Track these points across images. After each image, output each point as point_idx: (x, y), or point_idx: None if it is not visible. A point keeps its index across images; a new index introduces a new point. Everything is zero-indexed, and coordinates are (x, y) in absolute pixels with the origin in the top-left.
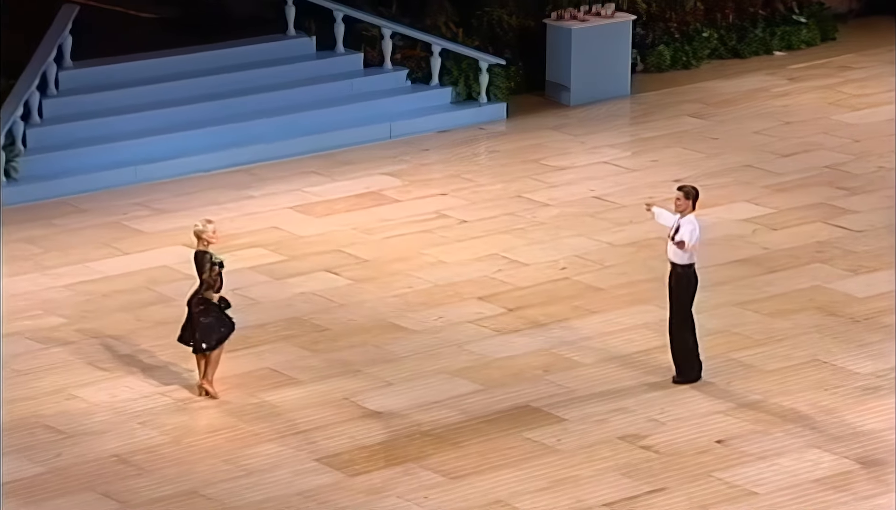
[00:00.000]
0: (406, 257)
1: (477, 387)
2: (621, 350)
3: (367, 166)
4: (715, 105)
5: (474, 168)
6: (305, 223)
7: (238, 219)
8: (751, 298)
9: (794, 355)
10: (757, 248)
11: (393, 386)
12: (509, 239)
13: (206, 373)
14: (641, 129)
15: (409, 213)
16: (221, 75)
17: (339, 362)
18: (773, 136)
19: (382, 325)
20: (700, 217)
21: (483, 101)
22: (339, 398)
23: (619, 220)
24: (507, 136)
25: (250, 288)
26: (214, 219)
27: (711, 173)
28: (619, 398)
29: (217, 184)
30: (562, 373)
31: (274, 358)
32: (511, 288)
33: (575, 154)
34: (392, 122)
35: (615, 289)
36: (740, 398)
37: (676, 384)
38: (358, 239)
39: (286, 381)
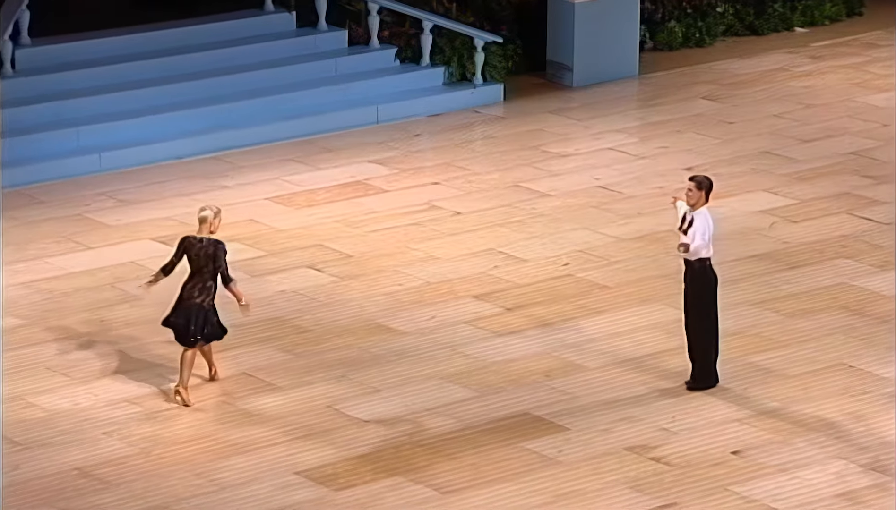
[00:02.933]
0: (395, 252)
1: (472, 393)
2: (629, 353)
3: (352, 153)
4: (730, 86)
5: (469, 155)
6: (285, 215)
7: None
8: (770, 297)
9: (817, 358)
10: (776, 243)
11: (381, 392)
12: (507, 232)
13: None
14: (650, 112)
15: (397, 204)
16: (193, 54)
17: (322, 366)
18: (794, 120)
19: (369, 326)
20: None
21: (478, 83)
22: (322, 405)
23: (626, 212)
24: (505, 121)
25: None
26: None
27: (726, 161)
28: (627, 406)
29: (189, 172)
30: (564, 378)
31: (251, 362)
32: (509, 285)
33: (578, 140)
34: (379, 106)
35: (622, 287)
36: (759, 405)
37: (690, 390)
38: (342, 232)
39: (265, 387)
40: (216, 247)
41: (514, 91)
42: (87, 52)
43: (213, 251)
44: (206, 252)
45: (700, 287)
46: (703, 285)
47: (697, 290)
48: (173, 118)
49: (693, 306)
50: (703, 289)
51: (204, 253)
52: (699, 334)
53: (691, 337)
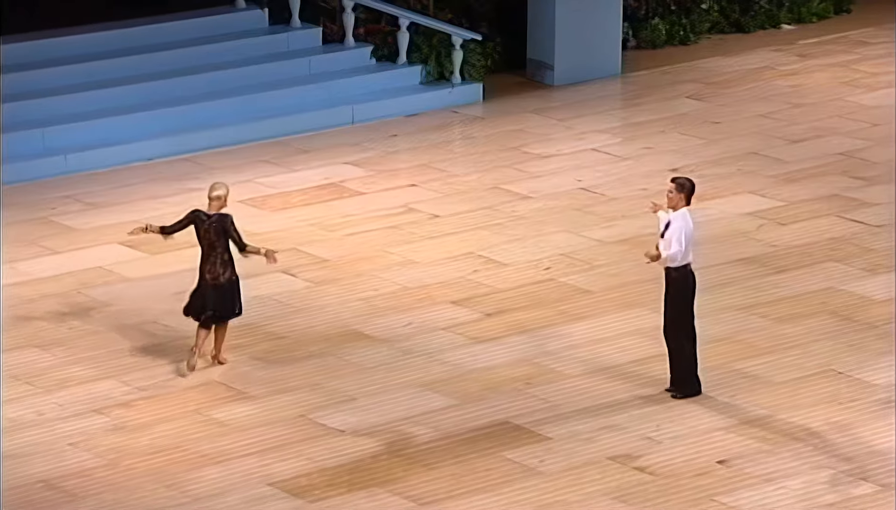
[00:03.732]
0: (371, 256)
1: (451, 401)
2: (612, 360)
3: (326, 155)
4: (716, 85)
5: (447, 156)
6: (258, 218)
7: (182, 214)
8: (756, 302)
9: (804, 365)
10: (763, 246)
11: (357, 401)
12: (487, 235)
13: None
14: (634, 112)
15: (374, 206)
16: (163, 53)
17: (296, 374)
18: (781, 120)
19: (345, 333)
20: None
21: (457, 82)
22: (295, 415)
23: (609, 215)
24: (484, 121)
25: None
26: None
27: (712, 162)
28: (610, 414)
29: (158, 174)
30: (545, 386)
31: (222, 370)
32: (489, 290)
33: (559, 140)
34: (355, 105)
35: (605, 292)
36: (745, 413)
37: (674, 398)
38: (317, 236)
39: (236, 396)
40: (224, 219)
41: (494, 90)
42: (53, 49)
43: (223, 225)
44: (216, 228)
45: (678, 293)
46: (681, 291)
47: (676, 296)
48: (142, 118)
49: (672, 312)
50: (681, 294)
51: (214, 229)
52: (679, 341)
53: (671, 344)
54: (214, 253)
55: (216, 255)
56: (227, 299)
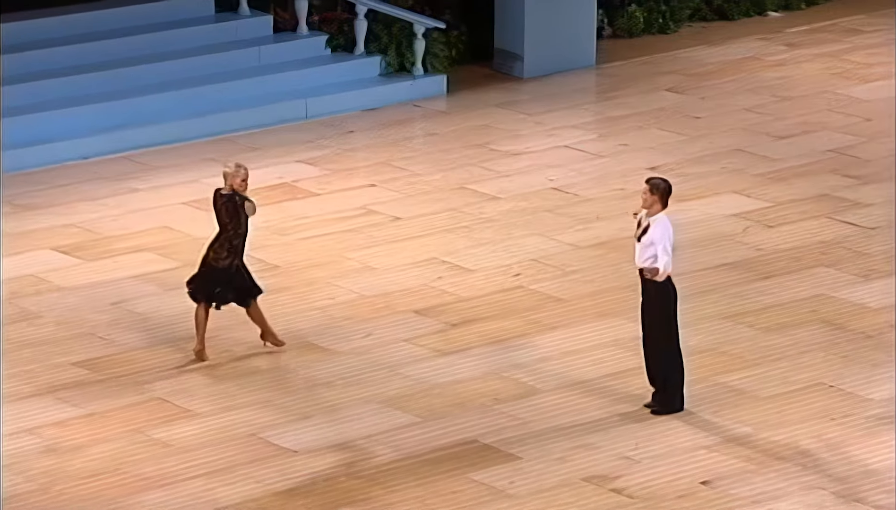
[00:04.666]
0: (327, 262)
1: (413, 418)
2: (587, 373)
3: (278, 153)
4: (697, 77)
5: (409, 154)
6: (203, 222)
7: (121, 217)
8: (742, 310)
9: (793, 378)
10: (749, 250)
11: (311, 418)
12: (452, 239)
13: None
14: (609, 106)
15: (330, 208)
16: (101, 42)
17: (244, 390)
18: (768, 115)
19: (298, 345)
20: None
21: (418, 74)
22: (244, 434)
23: (583, 216)
24: (448, 116)
25: (135, 301)
26: (90, 217)
27: (694, 159)
28: (585, 432)
29: (95, 174)
30: (515, 401)
31: (165, 386)
32: (454, 299)
33: (529, 137)
34: (308, 99)
35: (579, 300)
36: (729, 430)
37: (654, 414)
38: (268, 240)
39: (179, 414)
40: (233, 199)
41: (459, 83)
42: None
43: (234, 205)
44: (228, 208)
45: (660, 304)
46: (663, 301)
47: (657, 307)
48: (78, 113)
49: (653, 325)
50: (663, 305)
51: (225, 209)
52: (661, 355)
53: (652, 358)
54: (225, 234)
55: (225, 236)
56: (218, 284)
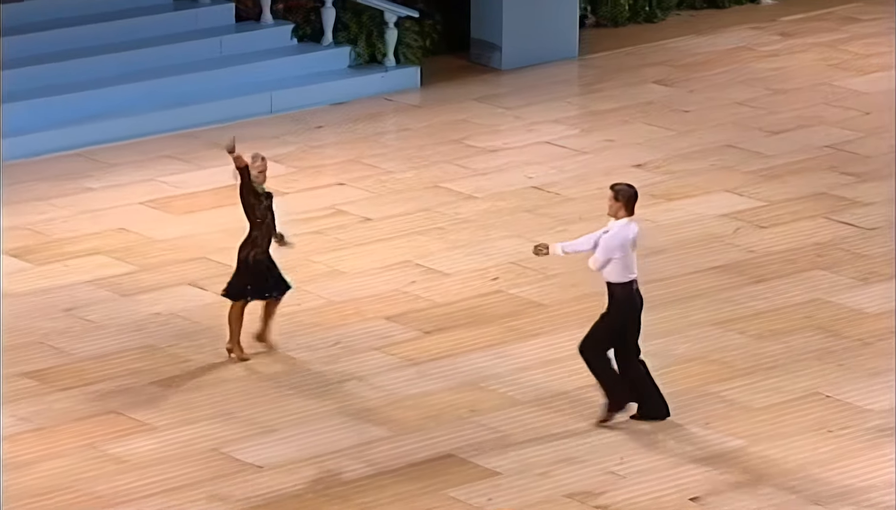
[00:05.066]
0: (292, 266)
1: (385, 432)
2: (569, 384)
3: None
4: (686, 68)
5: (380, 151)
6: (161, 223)
7: (73, 218)
8: (733, 315)
9: (787, 388)
10: (740, 252)
11: (277, 432)
12: (425, 241)
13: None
14: (593, 99)
15: (295, 208)
16: (50, 32)
17: (206, 402)
18: (761, 108)
19: (263, 353)
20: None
21: (390, 65)
22: (206, 449)
23: (565, 217)
24: (422, 110)
25: (89, 307)
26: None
27: (682, 156)
28: (567, 445)
29: (46, 173)
30: (493, 413)
31: (120, 398)
32: (428, 304)
33: (508, 132)
34: (273, 93)
35: (561, 306)
36: (720, 443)
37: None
38: (230, 243)
39: (136, 428)
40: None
41: (433, 75)
42: None
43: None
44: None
45: (618, 311)
46: (621, 309)
47: (614, 314)
48: (27, 107)
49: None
50: (619, 312)
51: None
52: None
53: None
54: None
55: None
56: (236, 277)
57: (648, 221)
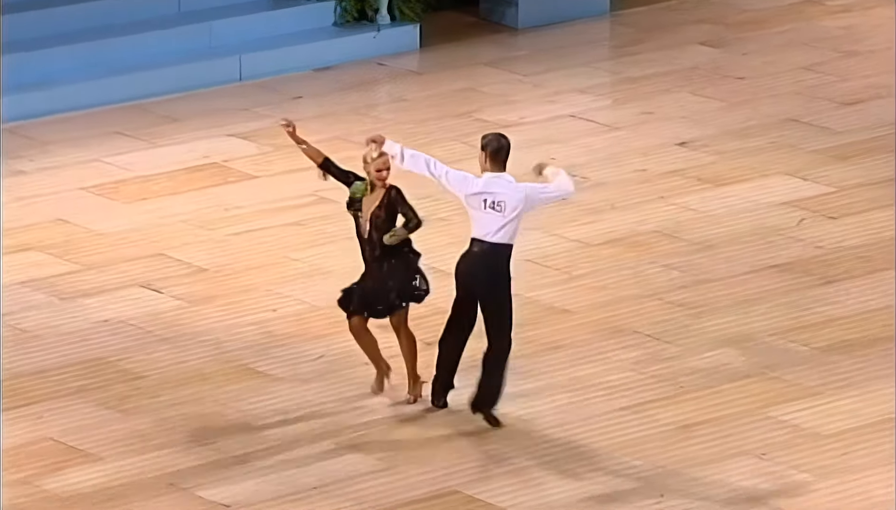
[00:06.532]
0: (267, 264)
1: (377, 464)
2: (599, 405)
3: (204, 124)
4: (739, 26)
5: (371, 126)
6: (108, 212)
7: (2, 206)
8: (796, 324)
9: (862, 412)
10: (805, 247)
11: (248, 464)
12: (426, 235)
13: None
14: (627, 64)
15: (270, 195)
16: None
17: (162, 428)
18: (829, 75)
19: (230, 370)
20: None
21: (383, 23)
22: (162, 483)
23: (593, 205)
24: (422, 77)
25: (23, 313)
26: None
27: (734, 132)
28: (597, 481)
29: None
30: (507, 440)
31: (60, 422)
32: (429, 310)
33: (525, 103)
34: (243, 56)
35: (589, 312)
36: (780, 478)
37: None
38: (191, 236)
39: (78, 458)
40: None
41: (435, 34)
42: None
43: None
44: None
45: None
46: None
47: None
48: None
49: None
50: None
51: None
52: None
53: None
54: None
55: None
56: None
57: (694, 211)
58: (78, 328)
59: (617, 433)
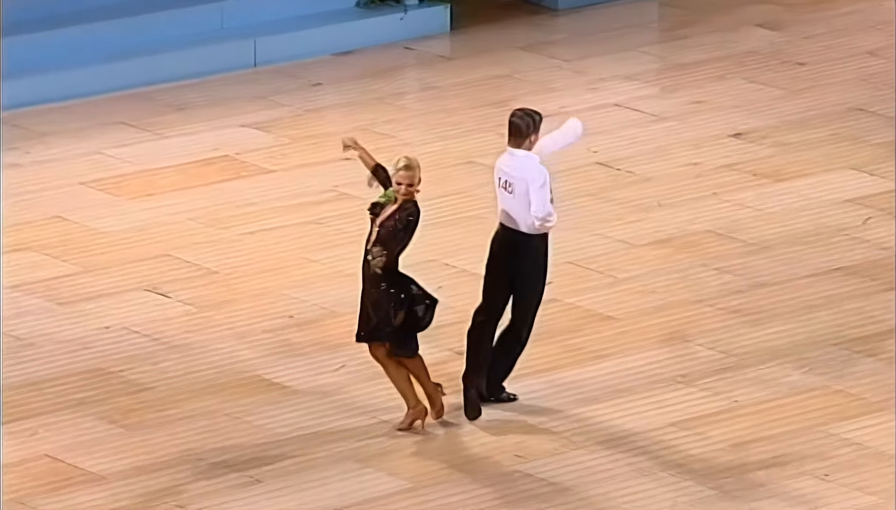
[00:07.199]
0: (283, 266)
1: (403, 483)
2: (645, 420)
3: (216, 113)
4: (799, 7)
5: (397, 116)
6: (110, 209)
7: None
8: (861, 333)
9: None
10: (871, 249)
11: (262, 484)
12: (456, 234)
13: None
14: (676, 48)
15: (287, 191)
16: None
17: (169, 443)
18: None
19: (244, 381)
20: (776, 195)
21: (411, 4)
22: (168, 505)
23: (639, 201)
24: (453, 63)
25: (17, 320)
26: None
27: (795, 122)
28: (645, 503)
29: None
30: (546, 460)
31: (57, 438)
32: (459, 317)
33: (565, 91)
34: (258, 39)
35: (636, 318)
36: (844, 500)
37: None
38: (201, 236)
39: (78, 478)
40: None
41: (467, 16)
42: None
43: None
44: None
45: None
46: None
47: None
48: None
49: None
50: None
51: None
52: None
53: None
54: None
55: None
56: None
57: (750, 208)
58: (77, 335)
59: (665, 451)
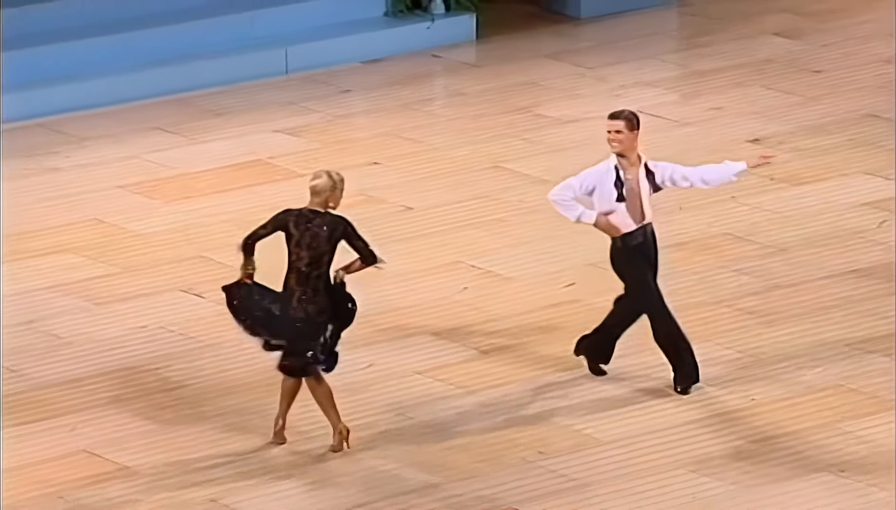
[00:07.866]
0: None
1: (429, 477)
2: (665, 419)
3: (248, 119)
4: (817, 16)
5: (424, 122)
6: (147, 212)
7: (35, 205)
8: (875, 333)
9: None
10: (886, 251)
11: (293, 478)
12: (482, 237)
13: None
14: (696, 56)
15: None
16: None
17: (202, 441)
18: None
19: (276, 379)
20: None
21: (438, 12)
22: (201, 498)
23: (660, 205)
24: (479, 70)
25: (55, 319)
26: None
27: (811, 128)
28: (664, 498)
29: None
30: (568, 456)
31: (94, 434)
32: (485, 317)
33: (589, 98)
34: (289, 48)
35: None
36: (861, 496)
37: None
38: (234, 237)
39: (114, 472)
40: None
41: (493, 25)
42: None
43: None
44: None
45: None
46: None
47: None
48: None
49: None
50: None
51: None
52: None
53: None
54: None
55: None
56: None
57: (769, 211)
58: (114, 335)
59: (684, 448)
